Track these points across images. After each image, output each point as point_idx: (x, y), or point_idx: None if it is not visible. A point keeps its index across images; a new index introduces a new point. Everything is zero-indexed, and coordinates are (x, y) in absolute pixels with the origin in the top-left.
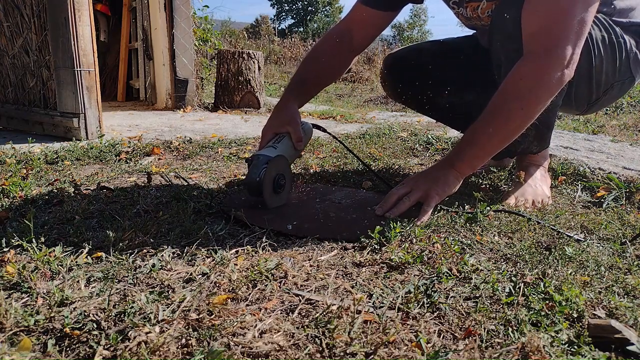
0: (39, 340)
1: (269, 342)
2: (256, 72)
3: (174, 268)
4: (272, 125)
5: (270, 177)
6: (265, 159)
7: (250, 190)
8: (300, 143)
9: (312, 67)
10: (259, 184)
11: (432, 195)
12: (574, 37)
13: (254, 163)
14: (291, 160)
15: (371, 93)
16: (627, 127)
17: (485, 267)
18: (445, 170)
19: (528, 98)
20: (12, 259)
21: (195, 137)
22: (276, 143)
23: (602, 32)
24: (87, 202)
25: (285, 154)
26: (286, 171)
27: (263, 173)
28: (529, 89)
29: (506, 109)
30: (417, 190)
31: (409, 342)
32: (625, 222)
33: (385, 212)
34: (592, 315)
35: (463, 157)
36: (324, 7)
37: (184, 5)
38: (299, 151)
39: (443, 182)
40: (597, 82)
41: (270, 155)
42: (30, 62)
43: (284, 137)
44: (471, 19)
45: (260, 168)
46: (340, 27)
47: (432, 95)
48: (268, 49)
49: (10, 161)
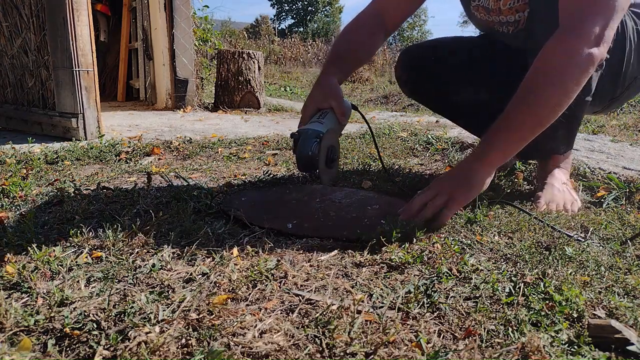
0: (39, 340)
1: (269, 342)
2: (256, 72)
3: (174, 268)
4: (315, 100)
5: (324, 150)
6: (315, 133)
7: (305, 164)
8: (343, 117)
9: (348, 44)
10: (312, 158)
11: (456, 198)
12: (607, 13)
13: (304, 137)
14: (337, 134)
15: (371, 93)
16: (627, 127)
17: (485, 267)
18: (472, 166)
19: (560, 77)
20: (12, 259)
21: (195, 137)
22: (321, 118)
23: (631, 21)
24: (87, 202)
25: (333, 128)
26: (336, 145)
27: (315, 147)
28: (560, 68)
29: (539, 90)
30: (442, 194)
31: (409, 342)
32: (625, 222)
33: (409, 219)
34: (592, 315)
35: (494, 144)
36: (324, 7)
37: (184, 5)
38: (342, 125)
39: (470, 183)
40: (624, 74)
41: (319, 129)
42: (29, 62)
43: (327, 112)
44: (491, 13)
45: (312, 141)
46: (372, 7)
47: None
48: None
49: (10, 161)
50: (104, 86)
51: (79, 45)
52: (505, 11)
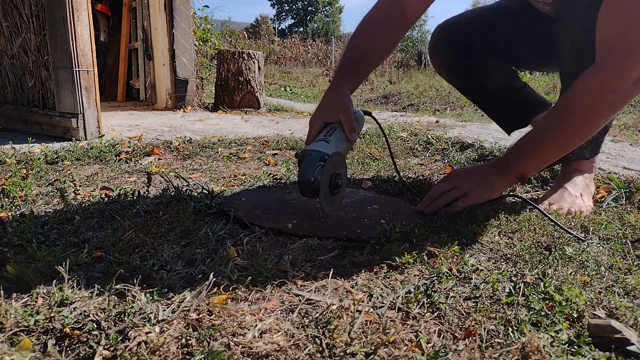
0: (39, 340)
1: (269, 342)
2: (256, 72)
3: (174, 268)
4: (323, 113)
5: (327, 177)
6: (320, 156)
7: (305, 191)
8: (353, 134)
9: (362, 43)
10: (314, 185)
11: (472, 195)
12: None
13: (307, 160)
14: (345, 154)
15: (371, 93)
16: (627, 127)
17: (485, 267)
18: (493, 174)
19: (592, 112)
20: (12, 259)
21: (195, 137)
22: (328, 136)
23: None
24: (87, 202)
25: (340, 148)
26: (342, 169)
27: (318, 172)
28: (594, 103)
29: (568, 120)
30: (460, 188)
31: (409, 342)
32: (625, 222)
33: (425, 208)
34: (592, 315)
35: (516, 163)
36: (324, 7)
37: (184, 5)
38: (351, 143)
39: (488, 185)
40: None
41: (324, 151)
42: (29, 62)
43: (336, 129)
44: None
45: (315, 166)
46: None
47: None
48: (268, 49)
49: (10, 161)
50: (104, 86)
51: (79, 45)
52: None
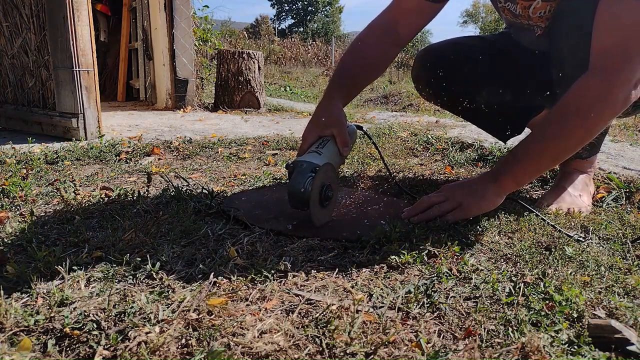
0: (39, 340)
1: (269, 342)
2: (256, 72)
3: (174, 268)
4: (316, 127)
5: (318, 188)
6: (311, 167)
7: (295, 202)
8: (346, 148)
9: (356, 61)
10: (304, 195)
11: (465, 208)
12: None
13: (298, 171)
14: (337, 167)
15: (371, 93)
16: (627, 127)
17: (485, 267)
18: (486, 184)
19: (589, 116)
20: (12, 259)
21: (195, 137)
22: (320, 148)
23: None
24: (87, 202)
25: (332, 160)
26: (333, 181)
27: (309, 183)
28: (592, 107)
29: (565, 125)
30: (452, 201)
31: (409, 342)
32: (625, 222)
33: (411, 217)
34: (592, 315)
35: (510, 171)
36: (324, 7)
37: (184, 5)
38: (344, 157)
39: (481, 196)
40: None
41: (315, 162)
42: (29, 62)
43: (328, 141)
44: (518, 17)
45: (306, 177)
46: (384, 18)
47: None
48: (268, 49)
49: (10, 161)
50: (104, 86)
51: (79, 45)
52: (535, 19)
